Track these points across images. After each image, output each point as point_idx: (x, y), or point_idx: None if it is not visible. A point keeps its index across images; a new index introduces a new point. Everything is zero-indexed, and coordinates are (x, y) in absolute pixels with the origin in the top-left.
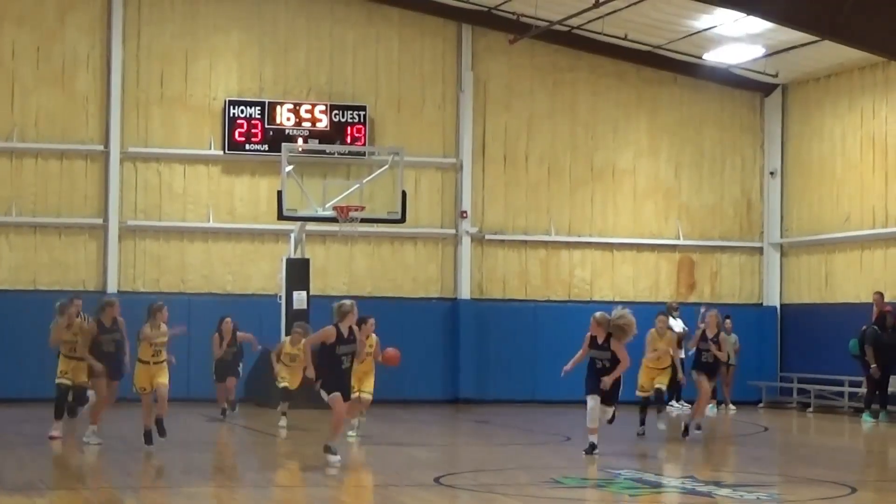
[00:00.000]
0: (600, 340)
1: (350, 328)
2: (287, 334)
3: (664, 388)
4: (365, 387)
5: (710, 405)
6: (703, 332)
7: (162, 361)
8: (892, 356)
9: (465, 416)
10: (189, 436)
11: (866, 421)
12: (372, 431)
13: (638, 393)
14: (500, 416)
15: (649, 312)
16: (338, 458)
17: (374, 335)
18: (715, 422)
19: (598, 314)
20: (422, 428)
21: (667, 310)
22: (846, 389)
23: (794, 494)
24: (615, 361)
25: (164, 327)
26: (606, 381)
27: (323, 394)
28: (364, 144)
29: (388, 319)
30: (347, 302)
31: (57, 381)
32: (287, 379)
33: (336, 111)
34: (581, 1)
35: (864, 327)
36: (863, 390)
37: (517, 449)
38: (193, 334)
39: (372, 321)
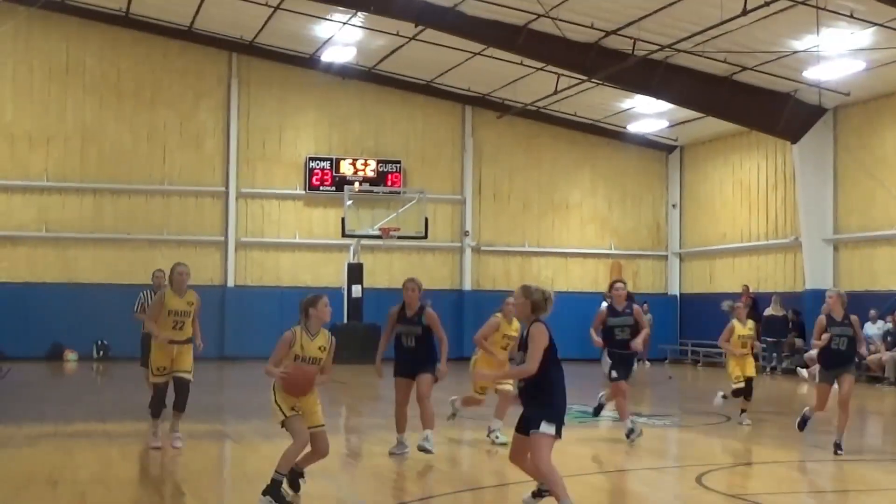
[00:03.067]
0: (621, 308)
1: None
2: (350, 318)
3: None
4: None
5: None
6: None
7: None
8: None
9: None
10: None
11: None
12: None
13: None
14: None
15: (592, 299)
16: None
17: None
18: (636, 374)
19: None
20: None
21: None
22: (722, 351)
23: (688, 422)
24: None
25: None
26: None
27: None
28: (399, 186)
29: None
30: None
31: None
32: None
33: (380, 164)
34: (545, 89)
35: (733, 304)
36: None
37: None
38: (286, 318)
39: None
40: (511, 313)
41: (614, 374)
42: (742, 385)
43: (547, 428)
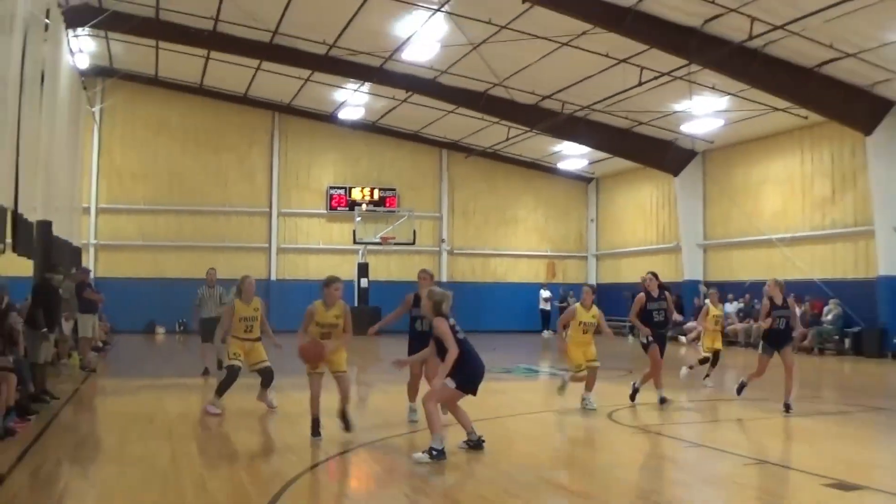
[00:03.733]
0: (655, 294)
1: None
2: (361, 301)
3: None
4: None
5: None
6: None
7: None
8: None
9: None
10: None
11: (629, 340)
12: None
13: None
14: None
15: (534, 287)
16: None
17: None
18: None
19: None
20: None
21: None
22: (628, 324)
23: (600, 375)
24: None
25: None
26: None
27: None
28: (395, 207)
29: (404, 294)
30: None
31: (230, 362)
32: None
33: (381, 191)
34: (500, 137)
35: (636, 292)
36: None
37: None
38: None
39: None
40: (588, 301)
41: (653, 345)
42: (709, 355)
43: (449, 382)
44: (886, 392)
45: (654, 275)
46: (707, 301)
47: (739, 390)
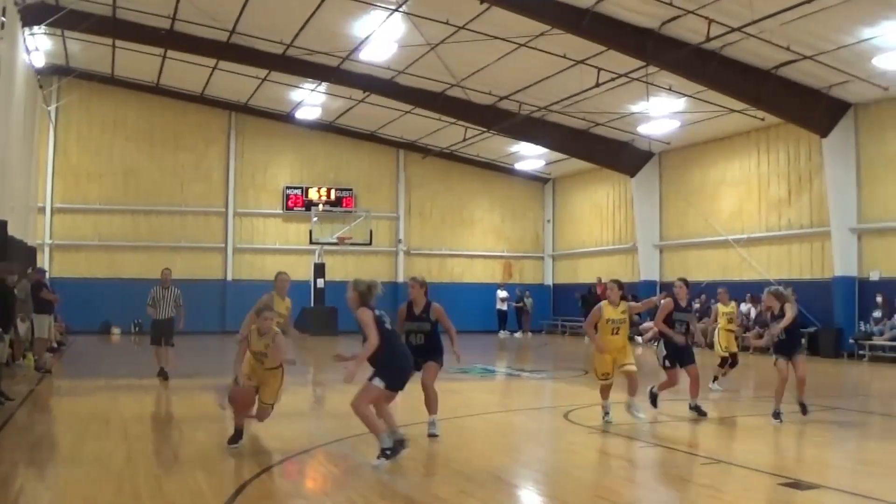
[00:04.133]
0: (684, 304)
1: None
2: (317, 301)
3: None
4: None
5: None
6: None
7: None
8: (594, 306)
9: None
10: None
11: (585, 340)
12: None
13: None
14: None
15: (490, 287)
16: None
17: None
18: (521, 342)
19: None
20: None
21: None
22: (581, 322)
23: (558, 376)
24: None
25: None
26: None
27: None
28: (351, 207)
29: None
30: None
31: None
32: None
33: (338, 191)
34: (457, 137)
35: (585, 293)
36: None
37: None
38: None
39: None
40: (616, 297)
41: (667, 363)
42: (726, 355)
43: (377, 382)
44: (842, 392)
45: (685, 281)
46: (715, 301)
47: (777, 415)
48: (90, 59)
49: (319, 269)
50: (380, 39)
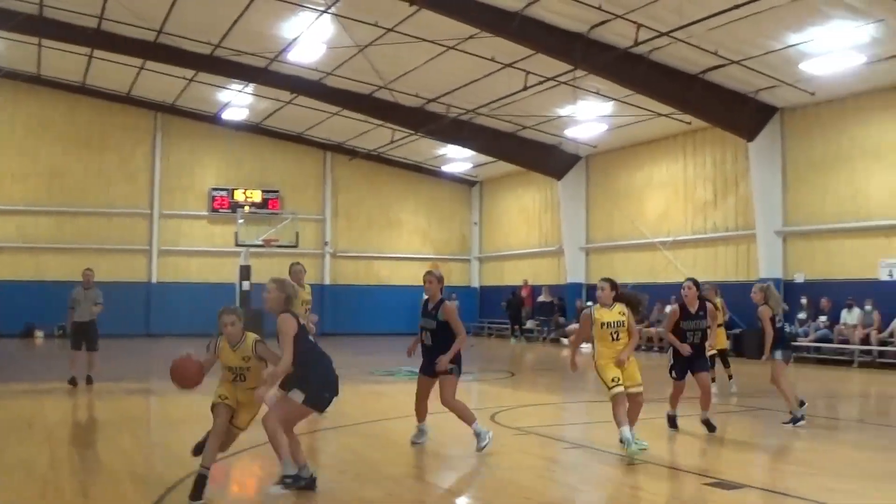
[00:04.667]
0: (693, 309)
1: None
2: (243, 304)
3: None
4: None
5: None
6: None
7: None
8: (518, 309)
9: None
10: None
11: (511, 342)
12: None
13: None
14: (353, 344)
15: (417, 290)
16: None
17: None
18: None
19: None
20: None
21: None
22: (508, 326)
23: (484, 377)
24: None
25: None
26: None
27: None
28: (278, 209)
29: None
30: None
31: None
32: None
33: (264, 192)
34: (384, 139)
35: (510, 297)
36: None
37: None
38: (196, 305)
39: None
40: (608, 297)
41: (674, 374)
42: (714, 352)
43: (295, 395)
44: (766, 392)
45: (694, 282)
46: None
47: (797, 419)
48: (15, 58)
49: (245, 272)
50: (308, 41)
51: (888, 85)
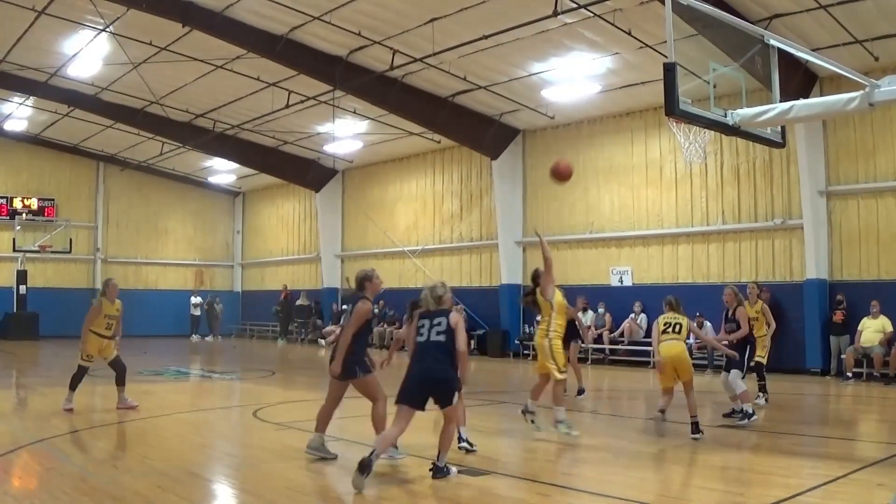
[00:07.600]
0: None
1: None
2: (20, 307)
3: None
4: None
5: None
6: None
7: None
8: (289, 313)
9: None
10: None
11: (279, 343)
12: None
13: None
14: (122, 345)
15: (184, 294)
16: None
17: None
18: (212, 345)
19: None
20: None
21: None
22: (269, 328)
23: (246, 376)
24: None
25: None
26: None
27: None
28: (53, 216)
29: (62, 300)
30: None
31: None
32: None
33: (41, 200)
34: (154, 151)
35: (283, 301)
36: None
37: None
38: None
39: None
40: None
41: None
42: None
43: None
44: (508, 386)
45: (735, 291)
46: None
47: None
48: None
49: (22, 276)
50: (86, 57)
51: (620, 111)
